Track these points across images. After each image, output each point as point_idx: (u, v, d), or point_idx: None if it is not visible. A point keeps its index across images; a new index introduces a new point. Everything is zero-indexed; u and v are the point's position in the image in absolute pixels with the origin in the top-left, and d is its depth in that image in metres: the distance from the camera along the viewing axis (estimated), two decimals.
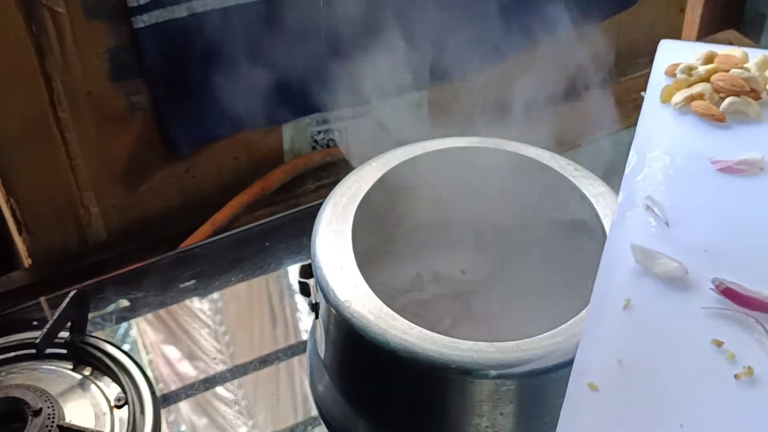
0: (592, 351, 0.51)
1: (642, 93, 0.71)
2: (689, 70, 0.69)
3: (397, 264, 0.79)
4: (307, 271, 0.68)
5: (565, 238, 0.74)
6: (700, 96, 0.67)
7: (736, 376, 0.49)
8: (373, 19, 0.95)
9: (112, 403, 0.75)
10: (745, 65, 0.69)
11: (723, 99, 0.66)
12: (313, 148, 1.07)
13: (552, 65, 1.19)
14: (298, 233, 0.93)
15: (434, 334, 0.59)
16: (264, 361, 0.81)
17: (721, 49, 0.71)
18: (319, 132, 1.07)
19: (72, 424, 0.71)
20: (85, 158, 0.94)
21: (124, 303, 0.88)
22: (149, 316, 0.86)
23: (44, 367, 0.78)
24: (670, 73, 0.70)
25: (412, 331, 0.59)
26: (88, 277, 0.91)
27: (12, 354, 0.79)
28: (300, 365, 0.80)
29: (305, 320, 0.85)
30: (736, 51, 0.71)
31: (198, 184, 1.03)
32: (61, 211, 0.96)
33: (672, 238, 0.57)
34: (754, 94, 0.66)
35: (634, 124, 1.30)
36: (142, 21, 0.90)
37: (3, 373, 0.77)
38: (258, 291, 0.89)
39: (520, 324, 0.76)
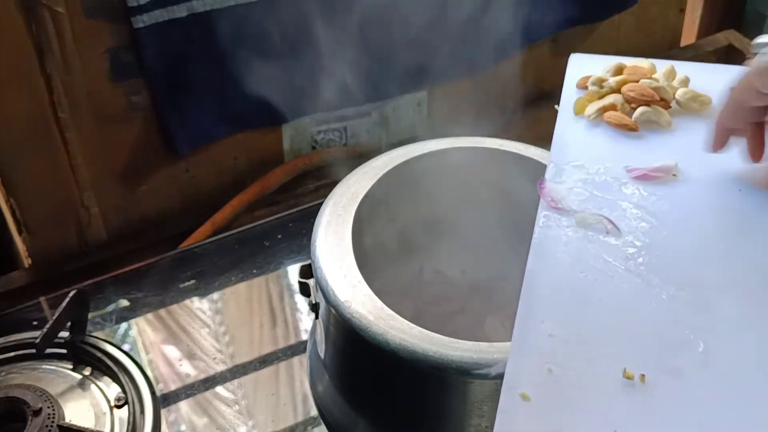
0: (522, 362, 0.51)
1: (555, 106, 0.71)
2: (600, 81, 0.70)
3: (397, 264, 0.79)
4: (307, 271, 0.68)
5: None
6: (612, 107, 0.68)
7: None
8: (373, 18, 0.95)
9: (112, 403, 0.75)
10: (654, 75, 0.70)
11: (634, 109, 0.68)
12: (313, 148, 1.07)
13: (551, 65, 1.19)
14: (298, 233, 0.93)
15: (434, 334, 0.59)
16: (264, 361, 0.82)
17: (629, 61, 0.73)
18: (319, 132, 1.07)
19: (72, 424, 0.71)
20: (85, 158, 0.94)
21: (124, 303, 0.88)
22: (149, 315, 0.86)
23: (44, 367, 0.78)
24: (582, 85, 0.71)
25: (412, 331, 0.59)
26: (88, 277, 0.91)
27: (12, 354, 0.79)
28: (300, 365, 0.81)
29: (305, 320, 0.85)
30: (643, 62, 0.72)
31: (198, 184, 1.03)
32: (61, 211, 0.96)
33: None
34: (664, 103, 0.68)
35: None
36: (142, 21, 0.90)
37: (3, 373, 0.77)
38: (258, 291, 0.89)
39: None
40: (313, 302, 0.68)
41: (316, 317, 0.68)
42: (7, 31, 0.85)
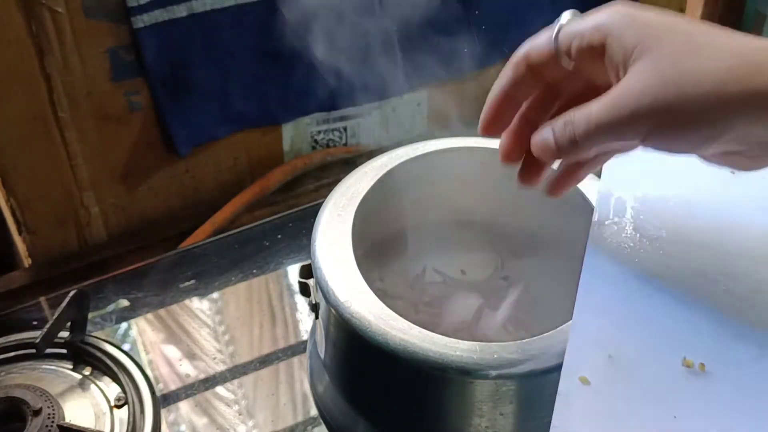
0: (582, 347, 0.51)
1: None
2: None
3: (397, 264, 0.79)
4: (307, 271, 0.68)
5: (564, 238, 0.74)
6: None
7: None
8: (372, 18, 0.95)
9: (112, 403, 0.75)
10: None
11: None
12: (313, 148, 1.07)
13: None
14: (298, 233, 0.93)
15: (434, 334, 0.59)
16: (264, 361, 0.82)
17: None
18: (319, 132, 1.07)
19: (72, 424, 0.71)
20: (85, 158, 0.94)
21: (124, 303, 0.88)
22: (149, 315, 0.86)
23: (44, 366, 0.78)
24: None
25: (412, 331, 0.59)
26: (88, 277, 0.91)
27: (12, 354, 0.79)
28: (300, 365, 0.80)
29: (305, 320, 0.85)
30: None
31: (198, 184, 1.03)
32: (61, 211, 0.96)
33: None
34: None
35: None
36: (142, 21, 0.90)
37: (3, 373, 0.77)
38: (258, 291, 0.89)
39: (519, 324, 0.76)
40: (313, 302, 0.68)
41: (316, 317, 0.68)
42: (7, 31, 0.85)
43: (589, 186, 0.70)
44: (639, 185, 0.63)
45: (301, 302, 0.87)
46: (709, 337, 0.52)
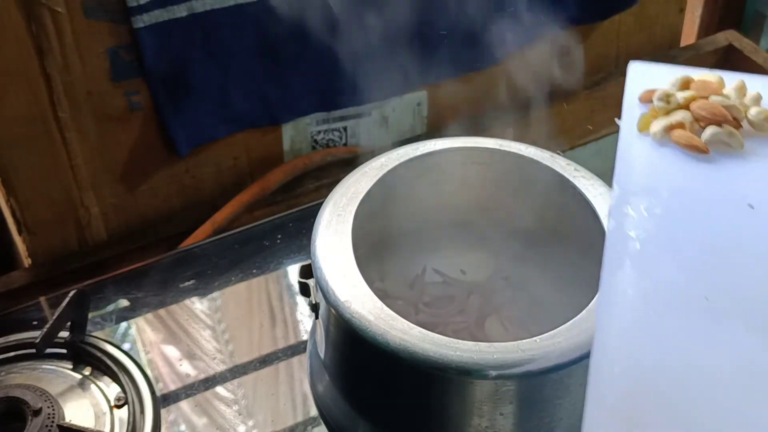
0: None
1: (617, 119, 0.67)
2: (667, 97, 0.65)
3: (397, 264, 0.79)
4: (307, 271, 0.68)
5: (564, 238, 0.74)
6: (679, 125, 0.63)
7: None
8: (372, 17, 0.95)
9: (112, 403, 0.75)
10: (724, 91, 0.66)
11: (703, 128, 0.63)
12: (313, 148, 1.07)
13: (549, 64, 1.19)
14: (298, 233, 0.93)
15: (434, 334, 0.59)
16: (264, 361, 0.82)
17: (696, 74, 0.68)
18: (319, 132, 1.07)
19: (72, 424, 0.71)
20: (85, 158, 0.94)
21: (124, 303, 0.88)
22: (149, 315, 0.86)
23: (44, 366, 0.78)
24: (645, 99, 0.66)
25: (412, 331, 0.59)
26: (88, 277, 0.91)
27: (12, 354, 0.79)
28: (300, 365, 0.81)
29: (305, 320, 0.85)
30: (711, 76, 0.67)
31: (198, 184, 1.03)
32: (61, 211, 0.96)
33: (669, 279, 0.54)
34: (735, 122, 0.63)
35: None
36: (142, 21, 0.90)
37: (3, 373, 0.77)
38: (258, 291, 0.89)
39: (519, 324, 0.76)
40: (313, 302, 0.68)
41: (316, 317, 0.68)
42: (7, 31, 0.85)
43: (589, 186, 0.70)
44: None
45: (301, 302, 0.87)
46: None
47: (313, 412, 0.74)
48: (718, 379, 0.49)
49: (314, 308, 0.68)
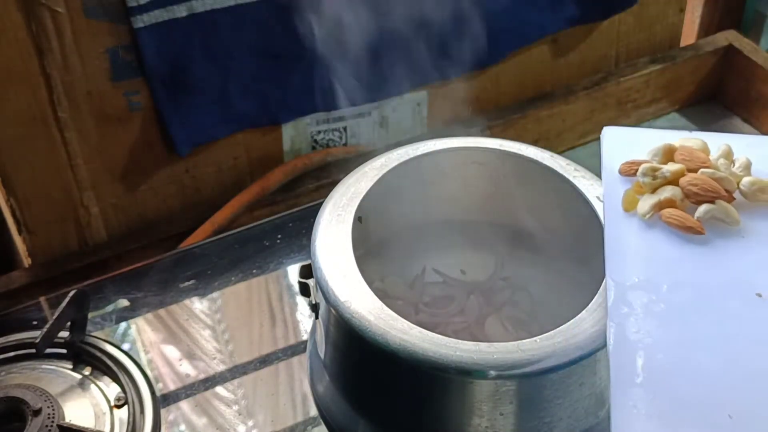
0: None
1: (598, 197, 0.62)
2: (652, 171, 0.59)
3: (397, 264, 0.79)
4: (307, 271, 0.68)
5: (564, 238, 0.74)
6: (669, 203, 0.58)
7: None
8: (371, 17, 0.95)
9: (112, 403, 0.75)
10: (712, 159, 0.61)
11: (695, 204, 0.58)
12: (313, 148, 1.07)
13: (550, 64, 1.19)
14: (298, 233, 0.93)
15: (434, 334, 0.59)
16: (264, 361, 0.82)
17: (675, 138, 0.63)
18: (319, 132, 1.07)
19: (72, 424, 0.71)
20: (84, 158, 0.94)
21: (124, 303, 0.88)
22: (149, 315, 0.86)
23: (44, 366, 0.78)
24: (626, 172, 0.61)
25: (412, 331, 0.59)
26: (88, 276, 0.91)
27: (12, 354, 0.79)
28: (300, 365, 0.81)
29: (305, 320, 0.85)
30: (694, 141, 0.62)
31: (198, 184, 1.03)
32: (61, 211, 0.96)
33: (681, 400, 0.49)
34: (728, 196, 0.58)
35: (634, 124, 1.30)
36: (142, 21, 0.90)
37: (3, 373, 0.77)
38: (258, 291, 0.89)
39: (519, 324, 0.76)
40: (313, 302, 0.68)
41: (316, 317, 0.68)
42: (7, 31, 0.85)
43: (589, 186, 0.70)
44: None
45: (301, 302, 0.87)
46: None
47: (313, 412, 0.74)
48: None
49: (314, 308, 0.68)
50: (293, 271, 0.90)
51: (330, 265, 0.64)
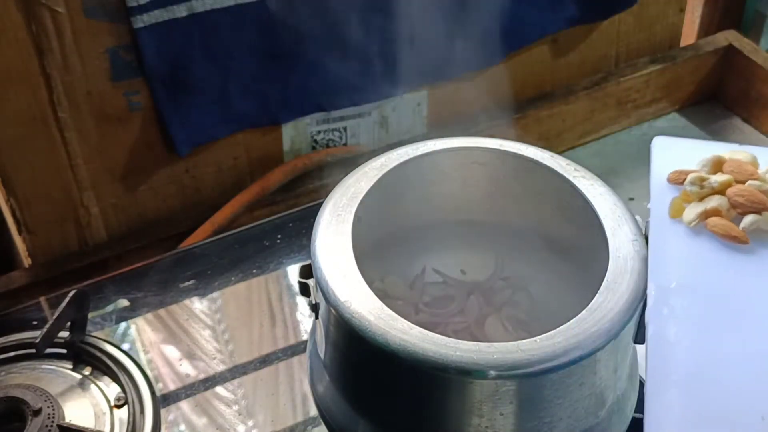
0: None
1: (647, 205, 0.63)
2: (700, 181, 0.61)
3: (397, 264, 0.79)
4: (307, 271, 0.68)
5: (564, 238, 0.74)
6: (715, 212, 0.59)
7: None
8: (371, 17, 0.96)
9: (112, 403, 0.75)
10: (761, 173, 0.62)
11: (740, 215, 0.59)
12: (313, 148, 1.07)
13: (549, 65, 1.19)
14: (298, 233, 0.93)
15: (434, 334, 0.59)
16: (264, 361, 0.82)
17: (725, 151, 0.64)
18: (319, 132, 1.07)
19: (72, 424, 0.71)
20: (84, 158, 0.94)
21: (124, 303, 0.88)
22: (149, 315, 0.86)
23: (44, 366, 0.78)
24: (674, 180, 0.63)
25: (412, 331, 0.59)
26: (88, 276, 0.91)
27: (12, 354, 0.79)
28: (300, 365, 0.80)
29: (305, 320, 0.85)
30: (743, 154, 0.64)
31: (198, 184, 1.03)
32: (61, 211, 0.96)
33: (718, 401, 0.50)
34: None
35: (634, 124, 1.30)
36: (141, 21, 0.90)
37: (3, 373, 0.77)
38: (258, 291, 0.89)
39: (519, 324, 0.76)
40: (313, 302, 0.68)
41: (316, 317, 0.68)
42: (7, 31, 0.85)
43: (589, 186, 0.70)
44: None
45: (301, 302, 0.87)
46: None
47: (313, 412, 0.74)
48: None
49: (314, 308, 0.68)
50: (293, 271, 0.90)
51: (330, 265, 0.64)
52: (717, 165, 0.63)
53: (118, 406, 0.75)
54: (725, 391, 0.49)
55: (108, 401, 0.75)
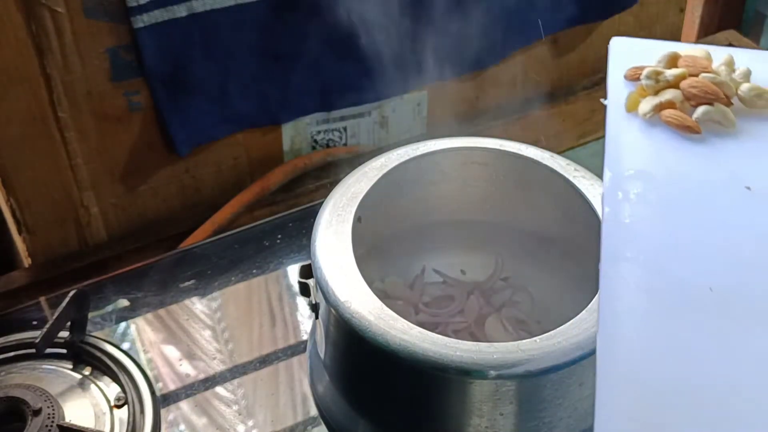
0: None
1: (602, 100, 0.65)
2: (655, 75, 0.62)
3: (397, 264, 0.79)
4: (307, 271, 0.68)
5: (564, 238, 0.74)
6: (670, 104, 0.61)
7: None
8: (370, 17, 0.95)
9: (112, 403, 0.75)
10: (713, 67, 0.63)
11: (694, 107, 0.61)
12: (313, 148, 1.07)
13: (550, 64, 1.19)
14: (298, 233, 0.93)
15: (434, 334, 0.59)
16: (264, 361, 0.82)
17: (682, 49, 0.65)
18: (319, 132, 1.07)
19: (72, 424, 0.71)
20: (84, 158, 0.94)
21: (124, 303, 0.88)
22: (149, 315, 0.86)
23: (44, 366, 0.78)
24: (631, 77, 0.65)
25: (412, 331, 0.59)
26: (88, 276, 0.91)
27: (12, 354, 0.79)
28: (300, 365, 0.81)
29: (305, 320, 0.85)
30: (699, 51, 0.65)
31: (198, 184, 1.03)
32: (61, 211, 0.96)
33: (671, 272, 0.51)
34: (726, 100, 0.61)
35: None
36: (141, 21, 0.90)
37: (3, 373, 0.77)
38: (258, 291, 0.89)
39: (519, 324, 0.76)
40: (313, 302, 0.68)
41: (316, 317, 0.68)
42: (7, 31, 0.85)
43: (589, 186, 0.70)
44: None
45: (301, 302, 0.87)
46: None
47: (313, 412, 0.74)
48: (729, 377, 0.47)
49: (314, 308, 0.68)
50: (293, 271, 0.90)
51: (330, 265, 0.64)
52: (672, 60, 0.64)
53: (118, 406, 0.75)
54: (678, 266, 0.51)
55: (108, 401, 0.75)
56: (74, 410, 0.73)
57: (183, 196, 1.02)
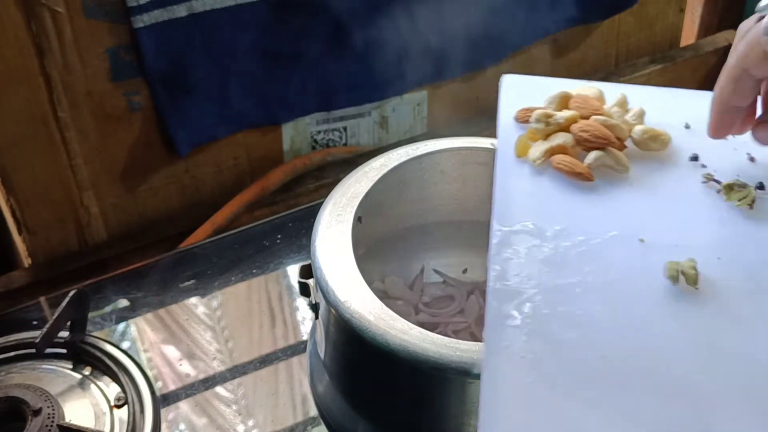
0: None
1: (491, 143, 0.62)
2: (545, 117, 0.60)
3: (397, 264, 0.79)
4: (307, 271, 0.68)
5: None
6: (561, 149, 0.58)
7: None
8: (370, 17, 0.95)
9: (112, 403, 0.75)
10: (606, 108, 0.61)
11: (586, 151, 0.58)
12: (313, 148, 1.07)
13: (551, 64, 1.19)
14: (298, 233, 0.93)
15: (434, 334, 0.59)
16: (264, 361, 0.82)
17: (574, 87, 0.63)
18: (319, 132, 1.07)
19: (72, 424, 0.71)
20: (84, 158, 0.94)
21: (124, 303, 0.88)
22: (149, 315, 0.86)
23: (44, 366, 0.78)
24: (522, 119, 0.62)
25: (412, 331, 0.59)
26: (87, 276, 0.91)
27: (12, 354, 0.79)
28: (300, 365, 0.81)
29: (305, 320, 0.85)
30: (590, 90, 0.63)
31: (198, 184, 1.03)
32: (61, 211, 0.96)
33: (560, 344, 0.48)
34: (619, 143, 0.59)
35: None
36: (141, 21, 0.90)
37: (3, 373, 0.77)
38: (258, 291, 0.89)
39: None
40: (313, 302, 0.68)
41: (316, 317, 0.68)
42: (7, 31, 0.85)
43: None
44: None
45: (301, 302, 0.87)
46: None
47: (313, 412, 0.74)
48: None
49: (314, 308, 0.68)
50: (293, 271, 0.90)
51: (330, 265, 0.64)
52: (564, 101, 0.62)
53: (118, 406, 0.75)
54: (567, 331, 0.48)
55: (108, 401, 0.75)
56: (74, 410, 0.73)
57: (183, 196, 1.02)
